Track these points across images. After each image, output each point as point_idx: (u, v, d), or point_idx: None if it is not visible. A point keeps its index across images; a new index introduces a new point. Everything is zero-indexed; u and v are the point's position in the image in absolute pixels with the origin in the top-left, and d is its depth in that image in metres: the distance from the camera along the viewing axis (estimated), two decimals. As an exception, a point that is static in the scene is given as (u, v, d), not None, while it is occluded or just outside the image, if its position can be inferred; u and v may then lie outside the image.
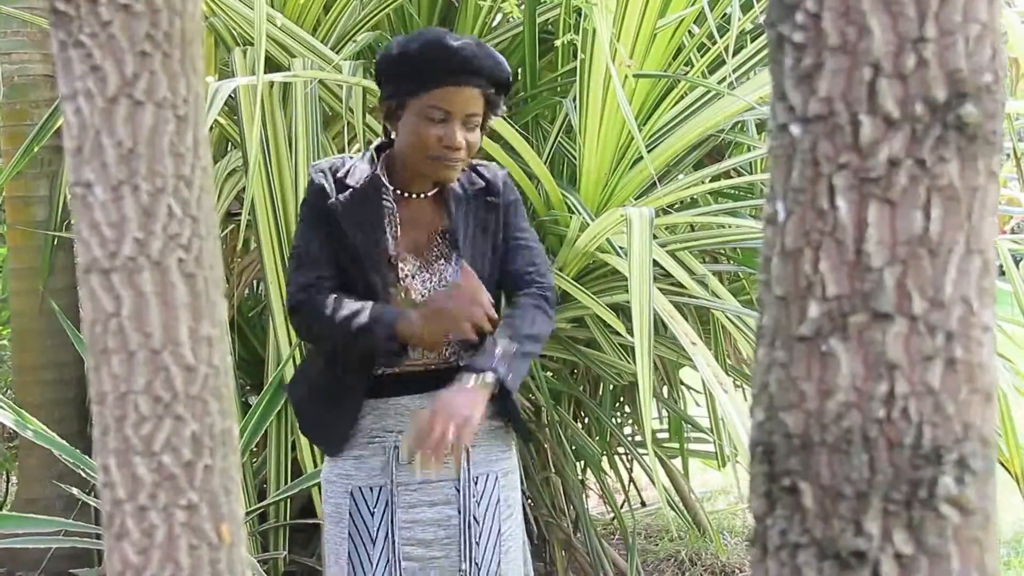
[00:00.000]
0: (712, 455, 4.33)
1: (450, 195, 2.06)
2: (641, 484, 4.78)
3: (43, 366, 3.73)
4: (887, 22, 0.85)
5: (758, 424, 0.92)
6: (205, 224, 0.96)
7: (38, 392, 3.71)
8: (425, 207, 2.08)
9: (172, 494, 0.94)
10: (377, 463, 2.07)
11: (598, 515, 4.60)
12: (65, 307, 3.62)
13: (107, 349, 0.93)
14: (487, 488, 2.09)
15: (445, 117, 1.96)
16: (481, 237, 2.06)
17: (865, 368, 0.86)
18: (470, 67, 1.96)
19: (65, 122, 0.93)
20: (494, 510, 2.10)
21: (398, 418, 2.06)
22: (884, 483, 0.85)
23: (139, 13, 0.91)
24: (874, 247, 0.86)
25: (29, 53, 3.73)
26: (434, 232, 2.07)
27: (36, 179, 3.74)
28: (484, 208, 2.06)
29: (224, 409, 0.98)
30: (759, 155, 3.72)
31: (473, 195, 2.07)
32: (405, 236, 2.05)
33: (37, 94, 3.75)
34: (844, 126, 0.87)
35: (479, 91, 1.97)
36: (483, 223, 2.06)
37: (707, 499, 4.99)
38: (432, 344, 1.98)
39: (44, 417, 3.42)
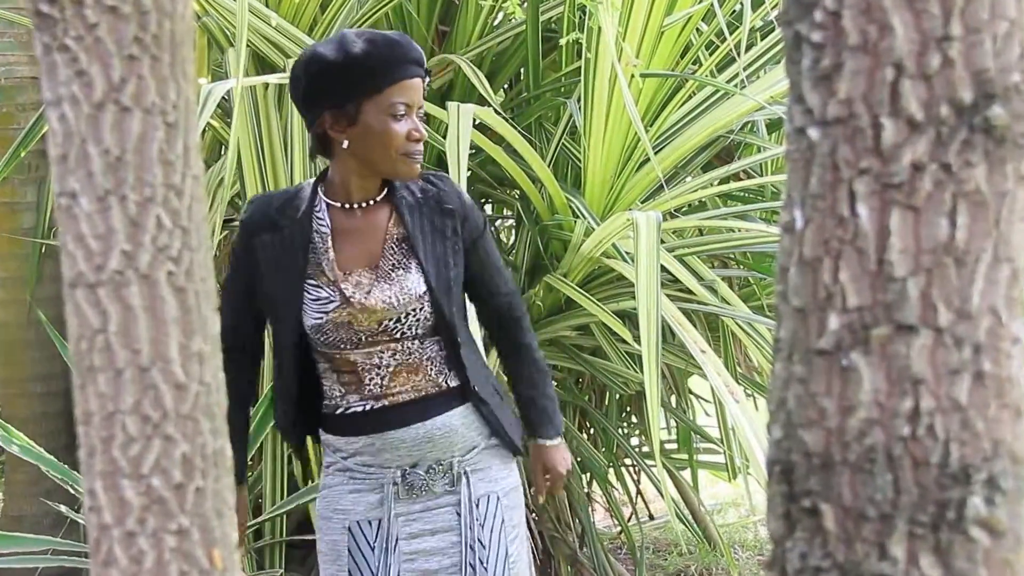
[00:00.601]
0: (722, 466, 4.31)
1: (401, 202, 2.04)
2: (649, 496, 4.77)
3: (30, 378, 3.71)
4: (910, 20, 0.84)
5: (776, 442, 0.91)
6: (196, 235, 0.94)
7: (25, 405, 3.69)
8: (373, 216, 2.05)
9: (162, 518, 0.92)
10: (375, 498, 2.06)
11: (605, 529, 4.58)
12: (53, 318, 3.60)
13: (93, 367, 0.91)
14: (490, 510, 2.09)
15: (407, 112, 1.99)
16: (440, 244, 2.05)
17: (888, 383, 0.85)
18: (414, 57, 2.01)
19: (50, 129, 0.92)
20: (499, 532, 2.09)
21: (395, 452, 2.04)
22: (910, 504, 0.84)
23: (127, 15, 0.89)
24: (897, 256, 0.85)
25: (16, 55, 3.71)
26: (387, 239, 2.04)
27: (23, 185, 3.72)
28: (440, 214, 2.05)
29: (216, 428, 0.96)
30: (770, 156, 3.71)
31: (425, 201, 2.06)
32: (353, 250, 2.03)
33: (24, 97, 3.73)
34: (865, 129, 0.86)
35: (421, 80, 2.02)
36: (440, 229, 2.05)
37: (717, 512, 4.97)
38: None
39: (31, 431, 3.41)
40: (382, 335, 2.01)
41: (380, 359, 2.02)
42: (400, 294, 2.01)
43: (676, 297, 3.28)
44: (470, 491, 2.06)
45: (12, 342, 3.73)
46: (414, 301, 2.01)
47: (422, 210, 2.05)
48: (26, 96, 3.73)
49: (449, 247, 2.05)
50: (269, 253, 2.03)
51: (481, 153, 3.27)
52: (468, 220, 2.08)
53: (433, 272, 2.02)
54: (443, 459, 2.06)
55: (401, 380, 2.04)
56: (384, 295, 2.01)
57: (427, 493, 2.05)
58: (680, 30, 3.34)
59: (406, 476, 2.05)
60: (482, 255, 2.11)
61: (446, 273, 2.04)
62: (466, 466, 2.07)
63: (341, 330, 2.01)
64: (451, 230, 2.05)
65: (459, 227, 2.06)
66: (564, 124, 3.45)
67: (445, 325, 2.03)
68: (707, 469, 4.55)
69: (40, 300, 3.67)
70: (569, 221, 3.28)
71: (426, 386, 2.05)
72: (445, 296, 2.02)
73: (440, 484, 2.06)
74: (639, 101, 3.23)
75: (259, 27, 3.26)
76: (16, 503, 3.71)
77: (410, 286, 2.01)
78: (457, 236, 2.06)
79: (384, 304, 2.00)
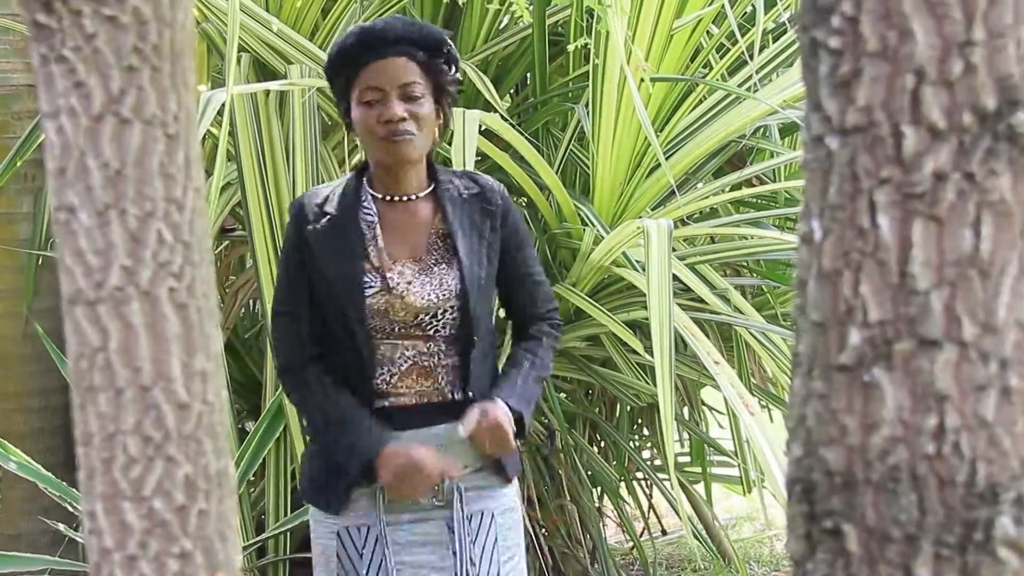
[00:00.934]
0: (736, 480, 4.30)
1: (444, 195, 2.09)
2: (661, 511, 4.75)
3: (27, 393, 3.71)
4: (931, 25, 0.83)
5: (796, 460, 0.90)
6: (198, 250, 0.94)
7: (22, 421, 3.69)
8: (419, 208, 2.09)
9: (164, 542, 0.92)
10: (364, 503, 2.05)
11: (616, 544, 4.56)
12: (50, 330, 3.60)
13: (93, 386, 0.91)
14: (483, 527, 2.08)
15: (380, 96, 2.01)
16: (477, 242, 2.08)
17: (912, 400, 0.84)
18: (387, 36, 2.02)
19: (47, 142, 0.92)
20: (492, 551, 2.08)
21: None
22: (935, 525, 0.83)
23: (126, 25, 0.89)
24: (920, 268, 0.84)
25: (11, 62, 3.72)
26: (432, 234, 2.08)
27: (19, 195, 3.72)
28: (480, 213, 2.09)
29: (219, 448, 0.96)
30: (783, 161, 3.70)
31: (468, 199, 2.10)
32: (399, 242, 2.08)
33: (20, 105, 3.74)
34: (885, 138, 0.85)
35: (407, 59, 2.01)
36: (479, 229, 2.09)
37: (732, 526, 4.95)
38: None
39: (28, 447, 3.40)
40: (415, 329, 2.04)
41: (400, 354, 2.04)
42: (439, 290, 2.04)
43: (688, 306, 3.28)
44: (463, 506, 2.06)
45: (8, 356, 3.73)
46: (453, 298, 2.04)
47: (464, 205, 2.09)
48: (22, 104, 3.74)
49: (485, 245, 2.09)
50: (323, 239, 2.06)
51: (487, 160, 3.27)
52: (507, 222, 2.11)
53: (467, 267, 2.05)
54: None
55: (409, 383, 2.06)
56: (424, 290, 2.04)
57: (414, 503, 2.04)
58: (690, 33, 3.33)
59: None
60: (519, 262, 2.14)
61: (478, 271, 2.06)
62: (459, 483, 2.06)
63: (376, 318, 2.03)
64: (489, 228, 2.09)
65: (497, 226, 2.10)
66: (572, 130, 3.45)
67: (467, 321, 2.04)
68: (721, 483, 4.54)
69: (37, 313, 3.67)
70: (578, 229, 3.28)
71: (431, 394, 2.06)
72: (475, 292, 2.05)
73: (427, 498, 2.04)
74: (649, 106, 3.23)
75: (260, 33, 3.26)
76: (13, 521, 3.71)
77: (449, 282, 2.05)
78: (495, 235, 2.10)
79: (423, 301, 2.04)
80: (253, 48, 3.31)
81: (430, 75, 2.03)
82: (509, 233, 2.12)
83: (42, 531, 3.53)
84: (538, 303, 2.18)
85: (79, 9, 0.88)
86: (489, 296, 2.12)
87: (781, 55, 3.58)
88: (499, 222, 2.10)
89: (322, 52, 3.31)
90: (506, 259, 2.12)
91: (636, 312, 3.36)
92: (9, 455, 3.06)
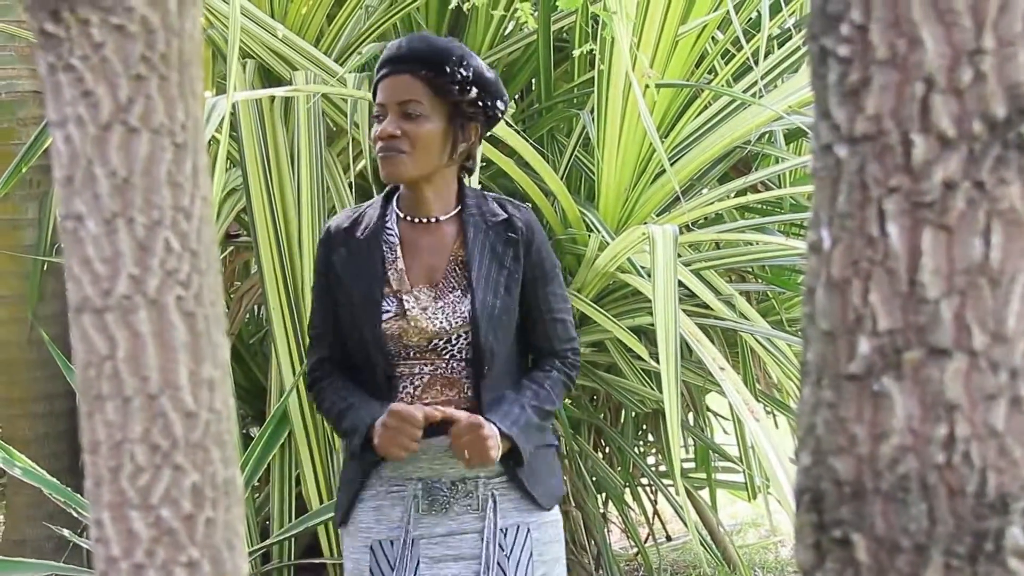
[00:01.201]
0: (741, 486, 4.29)
1: (468, 220, 2.06)
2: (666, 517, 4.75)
3: (32, 398, 3.72)
4: (940, 33, 0.83)
5: (805, 469, 0.90)
6: (205, 258, 0.94)
7: (27, 426, 3.70)
8: (441, 231, 2.08)
9: (171, 550, 0.91)
10: (397, 514, 2.04)
11: (621, 550, 4.56)
12: (55, 336, 3.61)
13: (101, 394, 0.91)
14: (518, 541, 2.05)
15: (383, 112, 2.02)
16: (496, 271, 2.05)
17: (922, 409, 0.84)
18: (394, 55, 2.03)
19: (55, 151, 0.92)
20: (527, 566, 2.05)
21: (416, 464, 2.04)
22: (945, 535, 0.82)
23: (134, 34, 0.89)
24: (929, 277, 0.84)
25: (17, 68, 3.73)
26: (451, 260, 2.07)
27: (24, 201, 3.74)
28: (503, 243, 2.06)
29: (227, 457, 0.95)
30: (788, 167, 3.70)
31: (493, 226, 2.07)
32: (417, 265, 2.07)
33: (25, 111, 3.75)
34: (895, 146, 0.85)
35: (411, 76, 2.00)
36: (499, 257, 2.05)
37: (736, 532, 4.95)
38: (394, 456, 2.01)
39: (33, 453, 3.41)
40: (430, 353, 2.04)
41: (420, 370, 2.04)
42: (452, 316, 2.03)
43: (693, 312, 3.27)
44: (495, 517, 2.03)
45: (13, 361, 3.74)
46: (466, 324, 2.02)
47: (487, 232, 2.06)
48: (27, 110, 3.75)
49: (506, 275, 2.05)
50: (346, 263, 2.07)
51: (492, 166, 3.27)
52: (531, 252, 2.07)
53: (480, 295, 2.02)
54: (468, 477, 2.04)
55: (434, 393, 2.04)
56: (437, 316, 2.03)
57: (448, 511, 2.03)
58: (695, 39, 3.34)
59: (428, 489, 2.03)
60: (540, 298, 2.09)
61: (494, 300, 2.03)
62: (493, 490, 2.05)
63: (390, 342, 2.03)
64: (511, 257, 2.06)
65: (520, 255, 2.06)
66: (577, 136, 3.45)
67: (478, 350, 2.02)
68: (726, 488, 4.53)
69: (42, 318, 3.68)
70: (583, 235, 3.28)
71: (458, 401, 2.04)
72: (487, 322, 2.02)
73: (461, 504, 2.03)
74: (654, 112, 3.23)
75: (265, 39, 3.27)
76: (18, 527, 3.72)
77: (462, 309, 2.02)
78: (518, 264, 2.06)
79: (436, 327, 2.02)
80: (258, 54, 3.32)
81: (439, 94, 2.00)
82: (532, 264, 2.07)
83: (47, 536, 3.54)
84: (554, 341, 2.13)
85: (87, 18, 0.88)
86: (506, 325, 2.06)
87: (786, 61, 3.58)
88: (522, 251, 2.06)
89: (327, 58, 3.32)
90: (527, 292, 2.08)
91: (641, 318, 3.36)
92: (14, 461, 3.07)
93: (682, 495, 2.75)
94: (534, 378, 2.11)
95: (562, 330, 2.14)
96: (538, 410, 2.06)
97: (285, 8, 3.40)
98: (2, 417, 3.83)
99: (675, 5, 3.11)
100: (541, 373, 2.12)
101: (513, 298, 2.06)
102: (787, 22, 3.75)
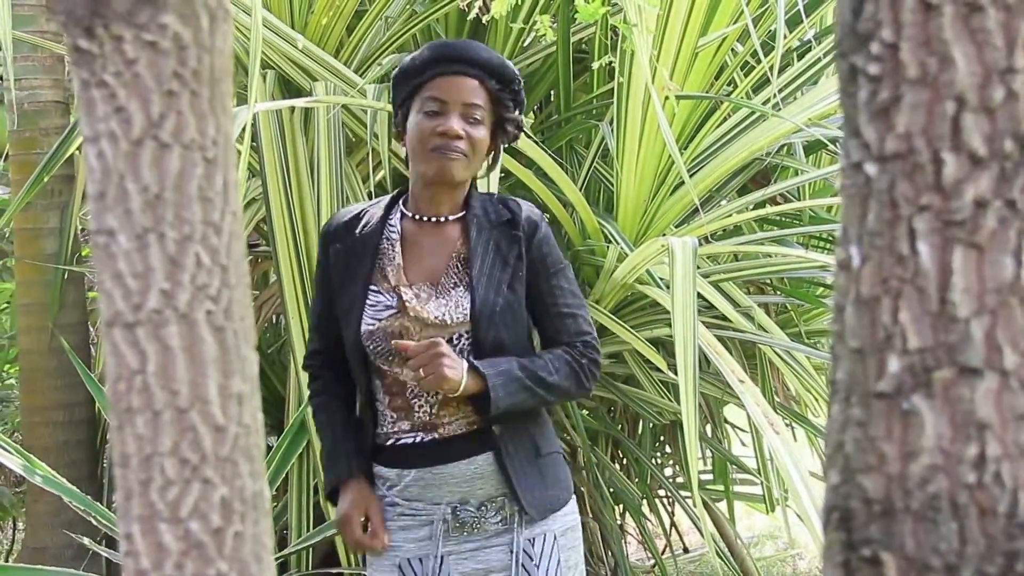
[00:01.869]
0: (758, 498, 4.28)
1: (472, 220, 2.06)
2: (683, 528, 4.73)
3: (52, 407, 3.73)
4: (972, 52, 0.83)
5: (833, 488, 0.89)
6: (235, 273, 0.94)
7: (47, 434, 3.71)
8: (446, 231, 2.08)
9: (200, 564, 0.92)
10: (424, 533, 2.04)
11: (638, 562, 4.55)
12: (75, 344, 3.63)
13: (131, 408, 0.91)
14: (545, 549, 2.04)
15: (442, 108, 2.00)
16: (499, 269, 2.04)
17: (952, 428, 0.83)
18: (463, 55, 2.01)
19: (87, 166, 0.92)
20: (555, 573, 2.04)
21: (444, 488, 2.03)
22: (976, 555, 0.82)
23: (166, 50, 0.90)
24: (960, 296, 0.84)
25: (39, 79, 3.76)
26: (453, 257, 2.06)
27: (46, 210, 3.76)
28: (507, 240, 2.05)
29: (255, 470, 0.96)
30: (807, 179, 3.70)
31: (497, 224, 2.06)
32: (418, 263, 2.06)
33: (47, 121, 3.77)
34: (925, 165, 0.85)
35: (478, 82, 2.01)
36: (503, 255, 2.05)
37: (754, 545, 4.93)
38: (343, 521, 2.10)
39: (53, 461, 3.43)
40: None
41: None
42: (454, 312, 2.01)
43: (712, 324, 3.27)
44: (522, 529, 2.03)
45: (34, 370, 3.76)
46: (466, 322, 2.01)
47: (491, 231, 2.05)
48: (49, 120, 3.77)
49: (510, 273, 2.04)
50: (341, 260, 2.08)
51: (511, 177, 3.27)
52: (532, 248, 2.06)
53: (481, 293, 2.00)
54: (495, 496, 2.03)
55: (451, 411, 2.02)
56: (439, 310, 2.01)
57: (479, 531, 2.03)
58: (715, 51, 3.34)
59: (457, 513, 2.03)
60: (545, 292, 2.07)
61: (495, 298, 2.01)
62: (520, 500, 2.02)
63: (392, 340, 2.01)
64: (515, 256, 2.04)
65: (523, 253, 2.05)
66: (596, 147, 3.45)
67: (481, 351, 2.01)
68: (743, 500, 4.52)
69: (62, 327, 3.70)
70: (601, 246, 3.28)
71: (477, 419, 2.03)
72: (487, 320, 2.00)
73: (492, 522, 2.03)
74: (673, 123, 3.23)
75: (285, 49, 3.28)
76: (37, 534, 3.73)
77: (465, 305, 2.01)
78: (521, 263, 2.04)
79: (437, 317, 2.00)
80: (278, 65, 3.33)
81: (494, 106, 2.02)
82: (535, 259, 2.06)
83: (66, 544, 3.55)
84: (562, 335, 2.08)
85: (120, 35, 0.89)
86: (512, 322, 2.04)
87: (805, 73, 3.57)
88: (524, 248, 2.04)
89: (347, 69, 3.33)
90: (531, 287, 2.06)
91: (659, 329, 3.35)
92: (35, 468, 3.08)
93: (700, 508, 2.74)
94: (540, 353, 2.09)
95: (571, 324, 2.09)
96: (526, 369, 2.00)
97: (305, 19, 3.41)
98: (23, 425, 3.85)
99: (695, 18, 3.11)
100: (546, 351, 2.09)
101: (518, 295, 2.04)
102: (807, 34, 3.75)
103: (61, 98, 3.82)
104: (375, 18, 3.42)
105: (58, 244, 3.74)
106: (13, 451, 3.11)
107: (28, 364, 3.79)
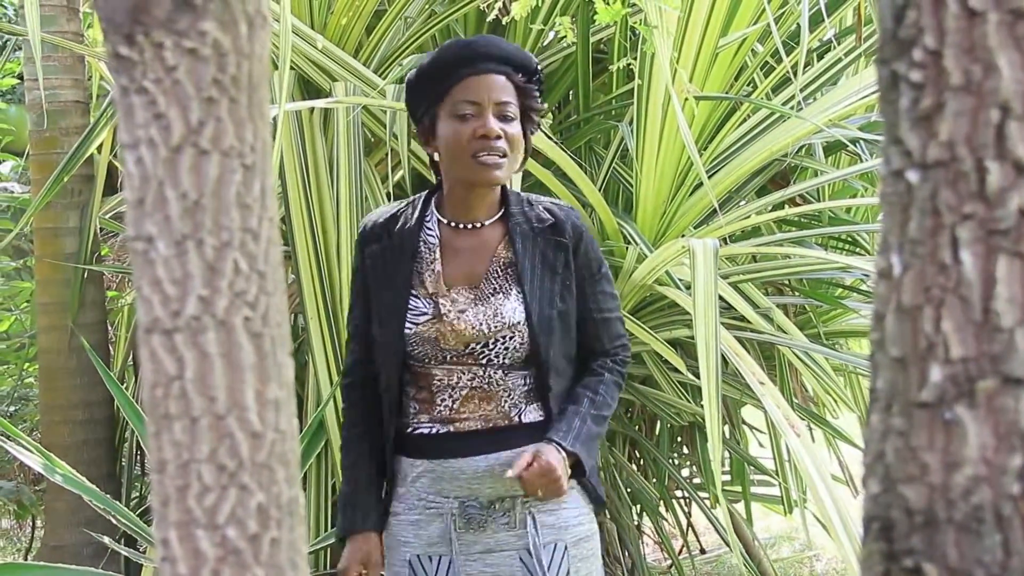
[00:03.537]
0: (776, 499, 4.27)
1: (515, 228, 2.03)
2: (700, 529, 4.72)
3: (72, 405, 3.75)
4: (1017, 59, 0.82)
5: (873, 497, 0.89)
6: (272, 279, 0.94)
7: (67, 433, 3.73)
8: (483, 236, 2.05)
9: (237, 570, 0.92)
10: (436, 530, 2.03)
11: (655, 562, 4.54)
12: (95, 343, 3.64)
13: (169, 414, 0.91)
14: (555, 559, 2.03)
15: (476, 111, 1.97)
16: (549, 277, 2.02)
17: (996, 439, 0.83)
18: (488, 53, 1.99)
19: (126, 173, 0.92)
20: None
21: (454, 483, 2.02)
22: (1020, 567, 0.81)
23: (206, 57, 0.89)
24: (1004, 305, 0.83)
25: (60, 79, 3.77)
26: (494, 261, 2.04)
27: (66, 210, 3.77)
28: (553, 247, 2.03)
29: (291, 477, 0.96)
30: (827, 180, 3.69)
31: (540, 231, 2.04)
32: (457, 267, 2.04)
33: (68, 121, 3.78)
34: (968, 173, 0.84)
35: (505, 78, 1.99)
36: (551, 264, 2.03)
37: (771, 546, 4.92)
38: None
39: (72, 459, 3.44)
40: (467, 357, 2.01)
41: (458, 380, 2.01)
42: (492, 320, 2.00)
43: (731, 325, 3.26)
44: (537, 537, 2.01)
45: (54, 369, 3.78)
46: (505, 329, 2.00)
47: (536, 240, 2.03)
48: (69, 120, 3.78)
49: (559, 282, 2.03)
50: (379, 262, 2.06)
51: (530, 177, 3.27)
52: (579, 255, 2.05)
53: (536, 307, 2.00)
54: (504, 497, 2.02)
55: (472, 407, 2.02)
56: (476, 319, 2.00)
57: (483, 530, 2.02)
58: (735, 51, 3.33)
59: (464, 508, 2.02)
60: (587, 297, 2.07)
61: (550, 311, 2.01)
62: (531, 508, 2.02)
63: (427, 344, 2.01)
64: (563, 264, 2.03)
65: (570, 261, 2.04)
66: (615, 148, 3.44)
67: (538, 362, 2.01)
68: (760, 502, 4.51)
69: (82, 326, 3.71)
70: (621, 247, 3.27)
71: (495, 417, 2.02)
72: (545, 333, 2.00)
73: (499, 522, 2.02)
74: (692, 124, 3.22)
75: (305, 50, 3.28)
76: (57, 532, 3.74)
77: (505, 313, 2.00)
78: (569, 271, 2.04)
79: (474, 329, 2.00)
80: (298, 65, 3.33)
81: (522, 98, 2.01)
82: (581, 266, 2.05)
83: (85, 543, 3.57)
84: (604, 340, 2.10)
85: (161, 42, 0.89)
86: (564, 335, 2.04)
87: (826, 73, 3.56)
88: (571, 254, 2.03)
89: (366, 69, 3.33)
90: (577, 294, 2.05)
91: (678, 330, 3.35)
92: (54, 467, 3.09)
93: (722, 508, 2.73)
94: (588, 385, 2.08)
95: (613, 328, 2.11)
96: (596, 418, 2.04)
97: (325, 19, 3.42)
98: (42, 423, 3.87)
99: (715, 18, 3.10)
100: (594, 379, 2.09)
101: (568, 306, 2.04)
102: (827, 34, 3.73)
103: (81, 98, 3.83)
104: (395, 18, 3.43)
105: (78, 243, 3.75)
106: (33, 449, 3.12)
107: (47, 363, 3.80)
